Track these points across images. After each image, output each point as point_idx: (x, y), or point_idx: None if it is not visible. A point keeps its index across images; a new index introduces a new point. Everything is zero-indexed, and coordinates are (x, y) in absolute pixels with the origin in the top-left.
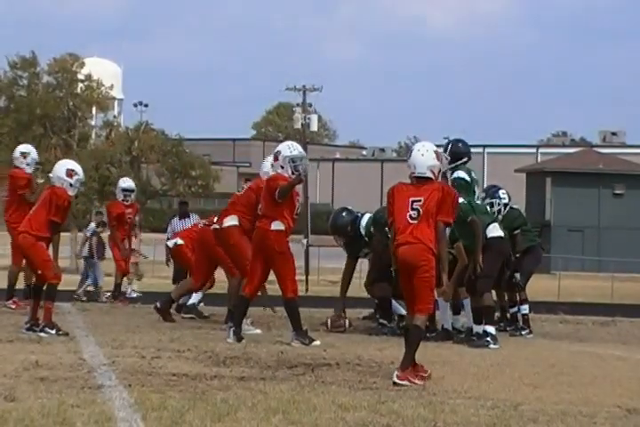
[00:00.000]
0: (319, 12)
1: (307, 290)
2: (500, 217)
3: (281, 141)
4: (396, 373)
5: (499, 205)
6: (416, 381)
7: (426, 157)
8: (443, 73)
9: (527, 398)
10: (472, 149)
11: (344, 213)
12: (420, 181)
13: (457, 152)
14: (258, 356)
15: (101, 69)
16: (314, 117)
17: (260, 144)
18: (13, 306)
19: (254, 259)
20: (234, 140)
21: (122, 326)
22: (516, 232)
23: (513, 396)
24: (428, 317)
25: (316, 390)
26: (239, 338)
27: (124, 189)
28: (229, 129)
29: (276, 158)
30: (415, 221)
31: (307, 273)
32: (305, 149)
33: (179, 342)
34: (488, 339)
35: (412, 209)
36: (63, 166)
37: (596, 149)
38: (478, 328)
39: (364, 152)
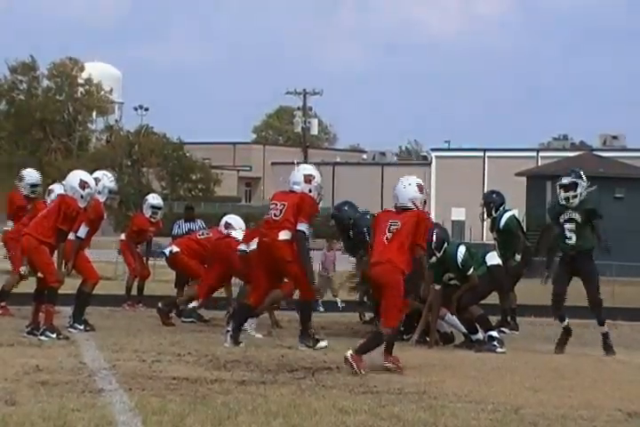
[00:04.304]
0: (319, 16)
1: None
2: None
3: (281, 145)
4: (349, 352)
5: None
6: (360, 368)
7: (407, 189)
8: (443, 77)
9: (528, 401)
10: (472, 153)
11: (346, 207)
12: (402, 210)
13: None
14: (258, 360)
15: (101, 73)
16: (314, 121)
17: (261, 148)
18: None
19: (257, 268)
20: (234, 143)
21: (122, 329)
22: None
23: (513, 400)
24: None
25: (317, 393)
26: (236, 342)
27: (154, 206)
28: (230, 133)
29: (309, 181)
30: (387, 242)
31: None
32: (305, 152)
33: (179, 346)
34: (495, 343)
35: (389, 231)
36: (77, 176)
37: (596, 152)
38: (477, 336)
39: (365, 156)
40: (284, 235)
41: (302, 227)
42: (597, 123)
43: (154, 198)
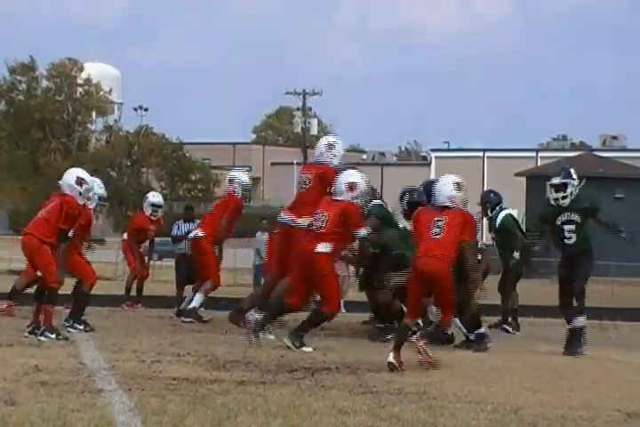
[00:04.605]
0: (319, 16)
1: None
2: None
3: (281, 146)
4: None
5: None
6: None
7: (444, 188)
8: (443, 77)
9: (527, 402)
10: (472, 154)
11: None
12: (442, 208)
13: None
14: (258, 360)
15: (101, 74)
16: (314, 121)
17: (260, 148)
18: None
19: (296, 275)
20: (234, 144)
21: (122, 330)
22: None
23: (513, 400)
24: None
25: (317, 394)
26: (257, 336)
27: (154, 204)
28: (230, 133)
29: (352, 189)
30: (437, 237)
31: None
32: (305, 153)
33: (179, 346)
34: (484, 340)
35: (436, 227)
36: (73, 174)
37: (596, 152)
38: (481, 331)
39: (364, 156)
40: (322, 247)
41: (362, 233)
42: (597, 123)
43: (154, 196)
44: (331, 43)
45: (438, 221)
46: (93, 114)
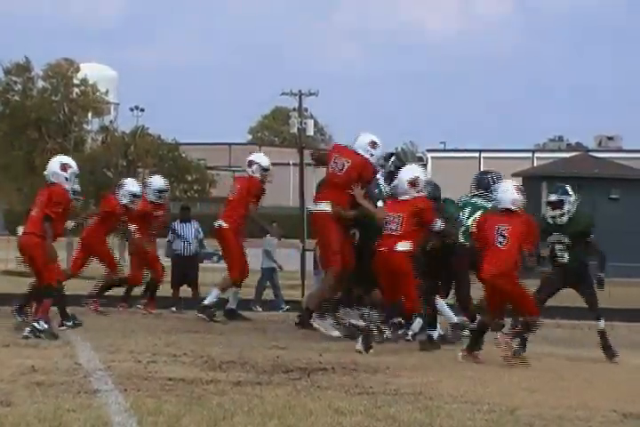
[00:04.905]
0: (316, 16)
1: (302, 295)
2: None
3: (277, 146)
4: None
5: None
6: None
7: (507, 193)
8: (439, 78)
9: (524, 402)
10: (468, 154)
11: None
12: (506, 212)
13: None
14: (254, 360)
15: (97, 74)
16: (310, 122)
17: (257, 149)
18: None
19: (380, 276)
20: (230, 144)
21: (118, 330)
22: None
23: (509, 400)
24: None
25: (313, 394)
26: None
27: (160, 190)
28: (226, 134)
29: (414, 185)
30: (501, 246)
31: (302, 278)
32: (301, 153)
33: (175, 347)
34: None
35: (501, 236)
36: (57, 162)
37: (592, 153)
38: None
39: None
40: (402, 246)
41: (437, 226)
42: (594, 124)
43: (158, 182)
44: (330, 43)
45: (502, 228)
46: (89, 114)
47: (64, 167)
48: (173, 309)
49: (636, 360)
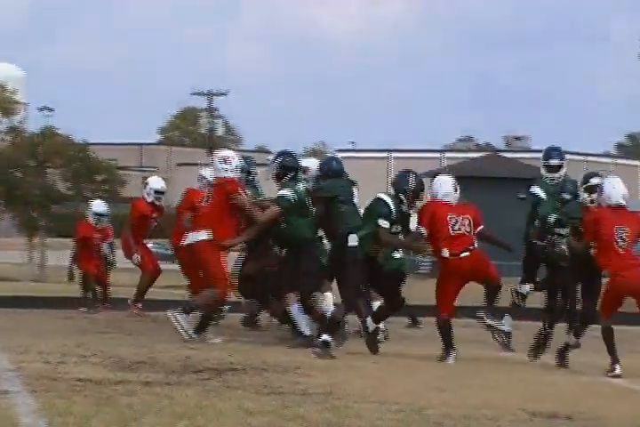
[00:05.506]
0: (224, 15)
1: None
2: None
3: (187, 146)
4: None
5: None
6: None
7: (617, 188)
8: (347, 77)
9: (432, 401)
10: (377, 155)
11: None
12: (619, 209)
13: (287, 166)
14: (163, 361)
15: (4, 74)
16: (219, 122)
17: (167, 149)
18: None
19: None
20: (141, 144)
21: (27, 330)
22: None
23: (418, 400)
24: None
25: (222, 395)
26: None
27: (157, 191)
28: (138, 134)
29: (456, 189)
30: (622, 250)
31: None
32: (211, 153)
33: (84, 348)
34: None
35: (621, 240)
36: None
37: (501, 153)
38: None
39: (270, 157)
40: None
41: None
42: (503, 124)
43: (157, 182)
44: (237, 42)
45: (621, 231)
46: None
47: None
48: (83, 309)
49: (548, 360)
